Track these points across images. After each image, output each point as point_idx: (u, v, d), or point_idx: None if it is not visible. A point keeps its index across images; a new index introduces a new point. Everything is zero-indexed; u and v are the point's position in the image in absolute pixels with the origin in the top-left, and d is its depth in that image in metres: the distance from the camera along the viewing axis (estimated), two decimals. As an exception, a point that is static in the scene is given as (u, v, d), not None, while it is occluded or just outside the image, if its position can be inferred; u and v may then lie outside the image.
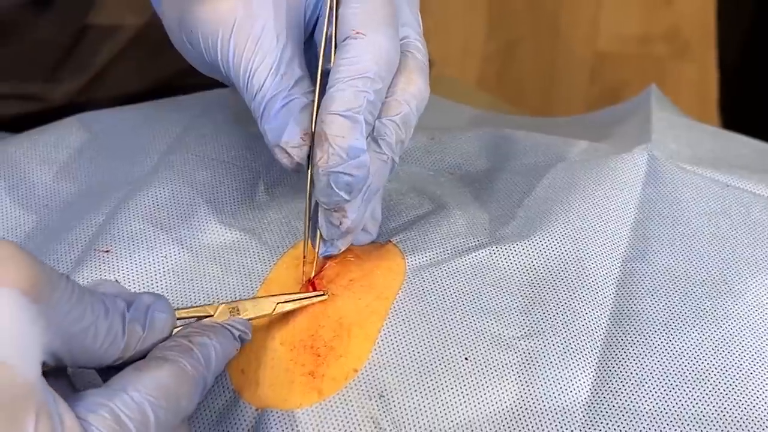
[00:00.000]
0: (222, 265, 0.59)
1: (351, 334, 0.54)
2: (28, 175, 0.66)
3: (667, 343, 0.58)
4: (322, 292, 0.55)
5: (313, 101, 0.53)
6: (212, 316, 0.51)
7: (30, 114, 0.79)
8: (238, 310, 0.52)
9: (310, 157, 0.53)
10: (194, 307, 0.51)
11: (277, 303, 0.54)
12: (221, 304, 0.52)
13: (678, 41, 1.91)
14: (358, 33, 0.51)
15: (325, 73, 0.53)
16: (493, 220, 0.63)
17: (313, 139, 0.52)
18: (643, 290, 0.60)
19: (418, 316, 0.56)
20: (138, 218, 0.60)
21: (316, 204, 0.55)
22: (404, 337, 0.55)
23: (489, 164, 0.69)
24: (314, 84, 0.53)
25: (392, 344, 0.54)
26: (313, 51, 0.55)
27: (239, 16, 0.52)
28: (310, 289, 0.56)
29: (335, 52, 0.52)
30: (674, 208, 0.65)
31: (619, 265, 0.61)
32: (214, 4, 0.52)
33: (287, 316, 0.54)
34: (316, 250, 0.56)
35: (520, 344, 0.56)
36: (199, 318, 0.51)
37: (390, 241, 0.60)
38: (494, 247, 0.60)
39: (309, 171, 0.53)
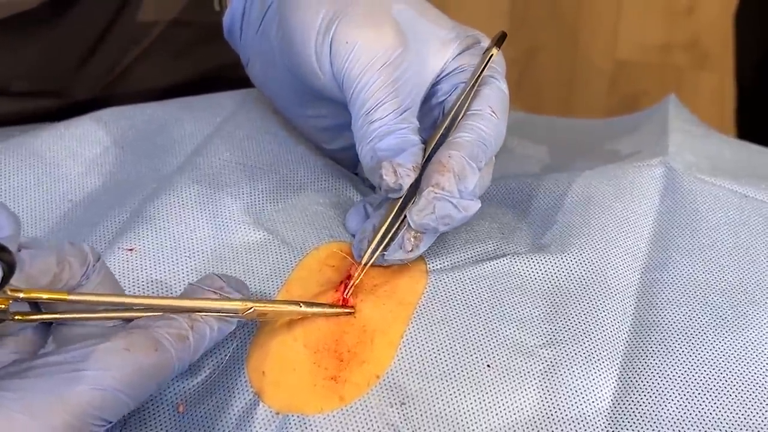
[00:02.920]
0: (245, 265, 0.59)
1: (374, 340, 0.54)
2: (54, 169, 0.66)
3: (688, 351, 0.58)
4: (351, 308, 0.55)
5: (424, 148, 0.57)
6: (239, 315, 0.51)
7: (51, 110, 0.79)
8: (264, 314, 0.52)
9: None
10: (225, 299, 0.51)
11: (305, 312, 0.54)
12: (252, 304, 0.51)
13: (698, 51, 1.90)
14: (493, 113, 0.58)
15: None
16: (510, 228, 0.64)
17: (421, 172, 0.56)
18: (663, 300, 0.60)
19: (440, 321, 0.56)
20: (162, 217, 0.60)
21: (379, 228, 0.57)
22: (426, 343, 0.55)
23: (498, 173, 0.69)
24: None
25: (414, 350, 0.54)
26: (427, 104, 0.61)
27: (394, 55, 0.57)
28: (341, 300, 0.56)
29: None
30: (693, 219, 0.65)
31: (639, 275, 0.61)
32: (381, 31, 0.58)
33: (311, 319, 0.54)
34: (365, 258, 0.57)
35: (542, 352, 0.56)
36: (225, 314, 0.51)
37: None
38: (516, 257, 0.60)
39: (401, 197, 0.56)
